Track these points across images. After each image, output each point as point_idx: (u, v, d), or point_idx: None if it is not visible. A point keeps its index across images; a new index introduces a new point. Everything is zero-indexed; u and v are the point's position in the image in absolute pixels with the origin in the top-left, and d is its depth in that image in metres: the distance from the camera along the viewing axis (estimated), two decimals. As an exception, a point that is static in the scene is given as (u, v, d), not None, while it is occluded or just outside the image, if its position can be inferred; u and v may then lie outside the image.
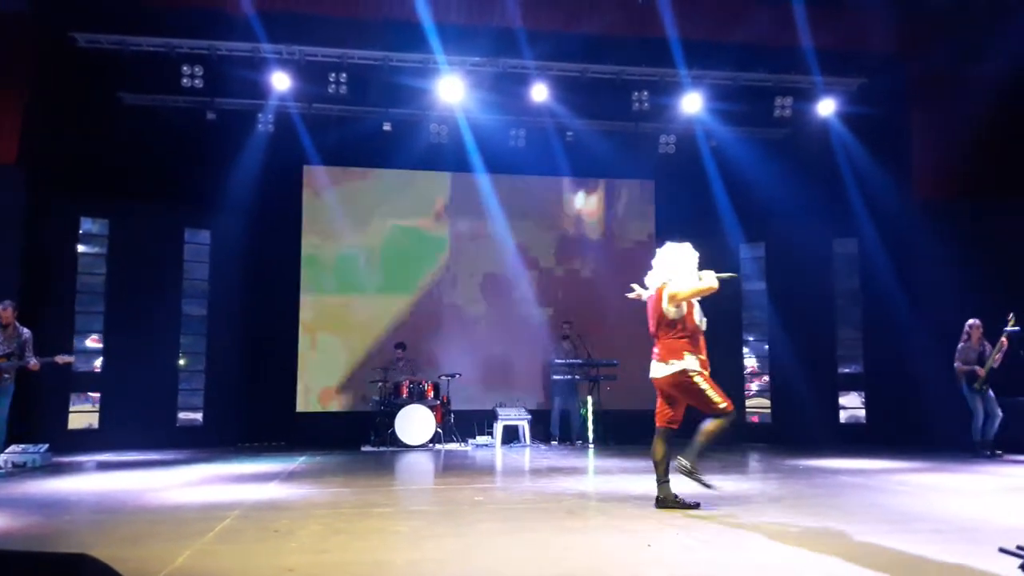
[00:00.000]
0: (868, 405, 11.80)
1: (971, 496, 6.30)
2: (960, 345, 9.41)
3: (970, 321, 9.42)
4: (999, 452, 9.11)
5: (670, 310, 5.51)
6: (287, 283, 12.11)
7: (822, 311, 12.05)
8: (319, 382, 12.06)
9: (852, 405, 11.98)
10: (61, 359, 8.76)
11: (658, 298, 5.60)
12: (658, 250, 5.76)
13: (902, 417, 11.12)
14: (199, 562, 4.08)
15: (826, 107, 11.44)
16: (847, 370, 12.05)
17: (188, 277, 11.82)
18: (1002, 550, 3.92)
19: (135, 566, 3.79)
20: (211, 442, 11.08)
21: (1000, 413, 9.21)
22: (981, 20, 10.03)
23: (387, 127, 11.42)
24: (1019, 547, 3.98)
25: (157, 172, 11.15)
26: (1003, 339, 8.99)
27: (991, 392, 9.25)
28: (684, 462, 5.48)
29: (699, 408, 5.54)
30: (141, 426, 10.74)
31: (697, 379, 5.46)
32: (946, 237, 10.56)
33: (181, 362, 11.80)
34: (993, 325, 9.14)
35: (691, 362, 5.48)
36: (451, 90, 10.86)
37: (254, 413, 11.57)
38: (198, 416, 11.75)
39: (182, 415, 11.65)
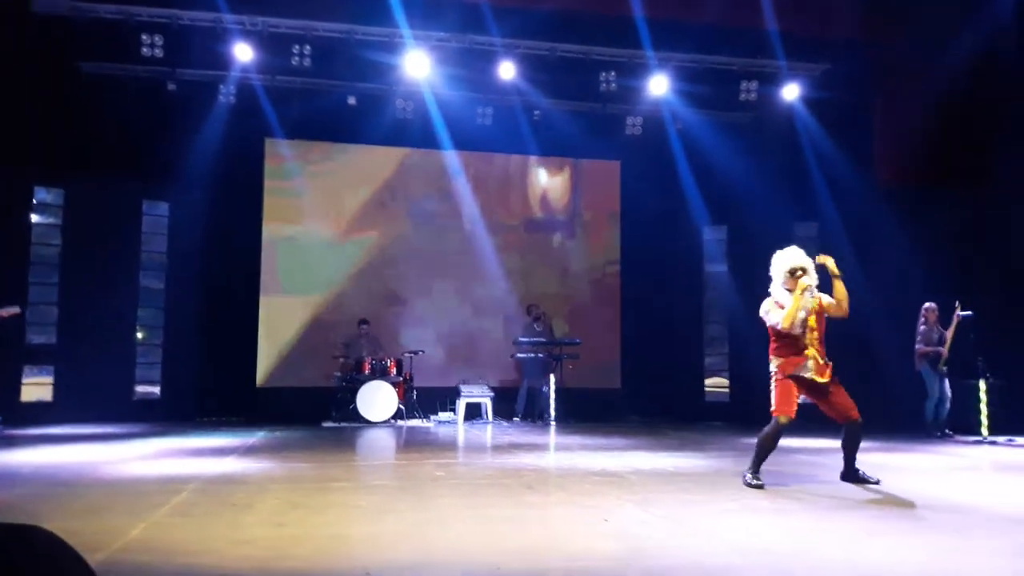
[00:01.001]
0: (825, 386, 12.02)
1: (922, 474, 6.47)
2: (921, 328, 9.63)
3: (926, 304, 9.63)
4: (950, 432, 9.36)
5: (764, 318, 5.89)
6: (248, 257, 11.94)
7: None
8: (280, 357, 11.94)
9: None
10: (6, 311, 8.50)
11: (819, 297, 5.79)
12: (793, 251, 5.93)
13: (859, 398, 11.31)
14: (154, 535, 4.04)
15: (791, 92, 11.54)
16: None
17: (146, 250, 11.64)
18: None
19: (88, 539, 3.74)
20: (169, 416, 10.94)
21: (949, 394, 9.45)
22: (945, 8, 10.16)
23: (352, 101, 11.29)
24: None
25: (115, 142, 10.91)
26: (954, 322, 9.22)
27: (946, 374, 9.50)
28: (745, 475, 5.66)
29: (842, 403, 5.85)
30: (97, 399, 10.56)
31: (772, 381, 5.80)
32: (905, 223, 10.74)
33: (139, 335, 11.61)
34: (949, 310, 9.33)
35: (771, 365, 5.83)
36: (417, 65, 10.76)
37: (213, 387, 11.45)
38: (155, 390, 11.60)
39: (139, 388, 11.50)
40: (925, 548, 3.82)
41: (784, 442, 8.44)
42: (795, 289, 5.69)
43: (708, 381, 12.96)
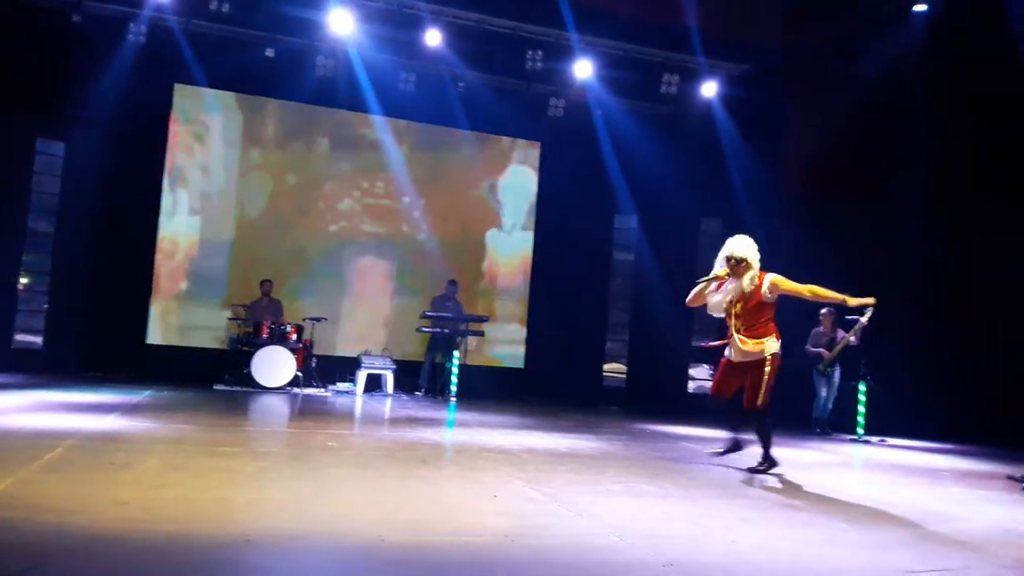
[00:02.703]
0: (717, 378, 12.45)
1: (798, 469, 6.74)
2: (814, 330, 10.08)
3: (822, 310, 10.06)
4: (829, 430, 9.86)
5: (768, 296, 5.98)
6: (147, 206, 11.36)
7: (683, 286, 12.46)
8: (173, 313, 11.50)
9: (701, 377, 12.56)
10: None
11: (758, 285, 5.99)
12: (732, 240, 6.15)
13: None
14: (21, 490, 3.85)
15: (710, 89, 11.76)
16: (701, 343, 12.60)
17: (37, 190, 11.00)
18: (1010, 477, 5.88)
19: (-54, 491, 3.53)
20: (50, 368, 10.33)
21: (835, 394, 9.94)
22: (860, 22, 10.51)
23: (270, 54, 10.94)
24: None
25: (10, 73, 10.22)
26: (859, 325, 9.45)
27: (836, 376, 9.95)
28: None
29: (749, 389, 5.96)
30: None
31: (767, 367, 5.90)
32: (807, 228, 11.10)
33: (23, 280, 10.99)
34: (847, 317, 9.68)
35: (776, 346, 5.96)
36: (340, 23, 10.47)
37: (100, 341, 10.89)
38: (37, 339, 11.03)
39: (19, 337, 10.90)
40: (796, 538, 4.00)
41: (672, 429, 8.68)
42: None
43: (607, 366, 13.21)
